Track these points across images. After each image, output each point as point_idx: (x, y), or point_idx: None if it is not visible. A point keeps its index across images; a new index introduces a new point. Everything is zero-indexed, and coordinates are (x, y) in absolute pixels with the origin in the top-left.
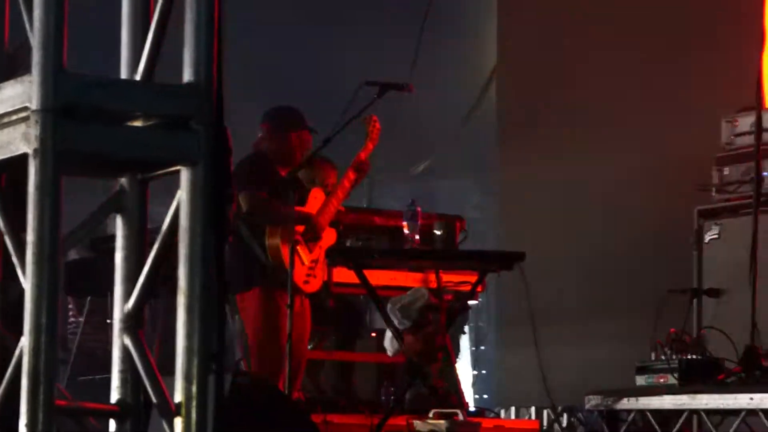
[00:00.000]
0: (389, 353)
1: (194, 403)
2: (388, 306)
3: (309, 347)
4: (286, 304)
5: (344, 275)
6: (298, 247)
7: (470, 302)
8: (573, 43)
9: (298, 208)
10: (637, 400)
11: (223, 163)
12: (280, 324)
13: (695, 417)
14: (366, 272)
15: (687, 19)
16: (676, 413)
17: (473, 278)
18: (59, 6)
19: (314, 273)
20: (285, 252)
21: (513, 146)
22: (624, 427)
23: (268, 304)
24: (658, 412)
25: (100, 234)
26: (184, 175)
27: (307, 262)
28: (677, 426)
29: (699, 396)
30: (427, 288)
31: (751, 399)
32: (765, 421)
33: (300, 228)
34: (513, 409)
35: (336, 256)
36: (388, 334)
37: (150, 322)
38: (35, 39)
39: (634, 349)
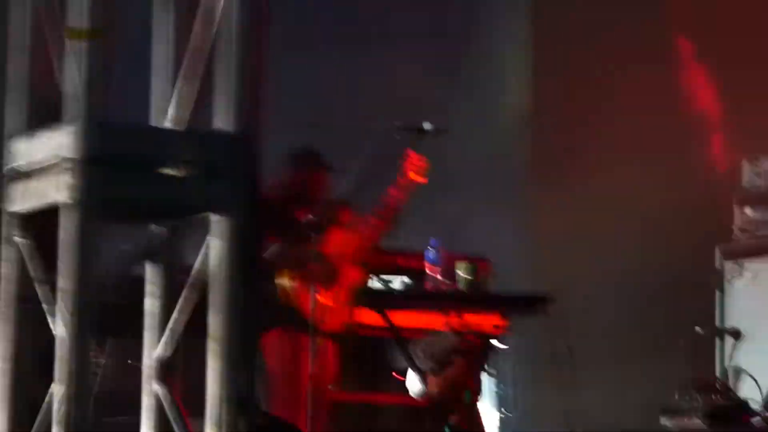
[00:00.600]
0: (413, 394)
1: None
2: (412, 347)
3: (332, 388)
4: (308, 346)
5: (369, 316)
6: (310, 286)
7: (498, 344)
8: (604, 83)
9: (310, 248)
10: None
11: (255, 212)
12: (301, 366)
13: None
14: (389, 313)
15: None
16: None
17: (498, 319)
18: (94, 55)
19: (333, 313)
20: (294, 291)
21: (544, 186)
22: None
23: (287, 346)
24: None
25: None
26: (216, 222)
27: (323, 302)
28: None
29: None
30: (452, 329)
31: None
32: None
33: (315, 268)
34: None
35: (359, 296)
36: (411, 375)
37: None
38: (68, 88)
39: (658, 390)
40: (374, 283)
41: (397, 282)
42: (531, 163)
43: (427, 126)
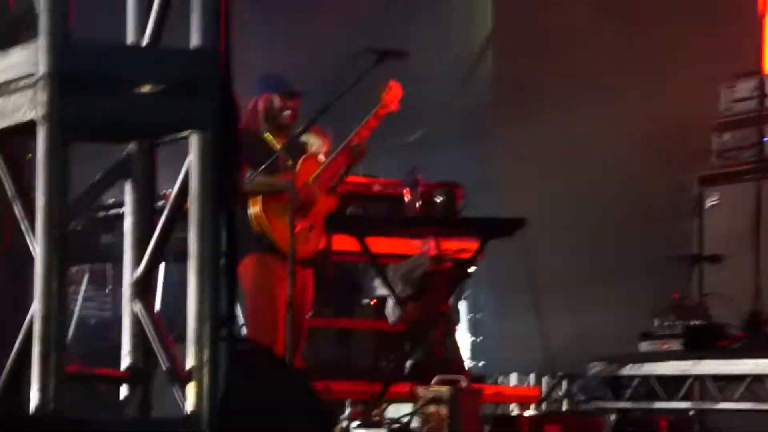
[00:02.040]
0: (390, 321)
1: (206, 369)
2: (389, 273)
3: (309, 315)
4: (285, 271)
5: (343, 243)
6: (283, 214)
7: (472, 270)
8: (570, 6)
9: (281, 177)
10: (641, 366)
11: (231, 129)
12: (275, 292)
13: (699, 383)
14: (367, 239)
15: None
16: (681, 379)
17: (472, 245)
18: None
19: (306, 239)
20: (267, 219)
21: (509, 113)
22: (628, 394)
23: (261, 272)
24: (662, 379)
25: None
26: (194, 140)
27: (295, 229)
28: (682, 392)
29: (703, 362)
30: (428, 255)
31: (756, 364)
32: None
33: (284, 196)
34: (514, 375)
35: (337, 224)
36: (390, 301)
37: None
38: (41, 3)
39: (636, 316)
40: (351, 210)
41: (375, 208)
42: (495, 88)
43: (391, 49)
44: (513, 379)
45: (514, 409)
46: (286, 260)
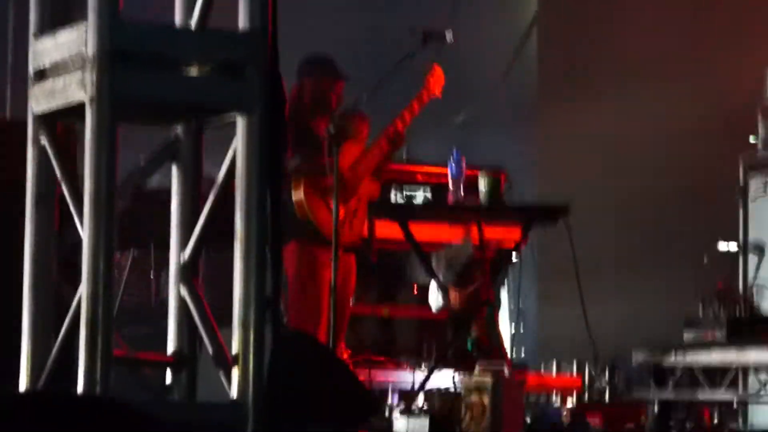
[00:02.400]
0: (433, 308)
1: (251, 352)
2: (433, 260)
3: (352, 302)
4: (328, 258)
5: (386, 229)
6: (326, 199)
7: (515, 258)
8: None
9: (325, 161)
10: (684, 355)
11: (278, 112)
12: (318, 278)
13: (743, 374)
14: (411, 226)
15: None
16: (724, 370)
17: (515, 232)
18: None
19: (350, 225)
20: (310, 205)
21: (554, 97)
22: (671, 383)
23: (303, 258)
24: (705, 369)
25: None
26: (240, 123)
27: (340, 215)
28: (725, 382)
29: (748, 352)
30: (471, 242)
31: None
32: None
33: (328, 181)
34: (554, 364)
35: (381, 210)
36: (433, 288)
37: None
38: None
39: (681, 304)
40: (395, 196)
41: (419, 195)
42: (541, 72)
43: (448, 35)
44: (555, 367)
45: (556, 399)
46: (329, 246)
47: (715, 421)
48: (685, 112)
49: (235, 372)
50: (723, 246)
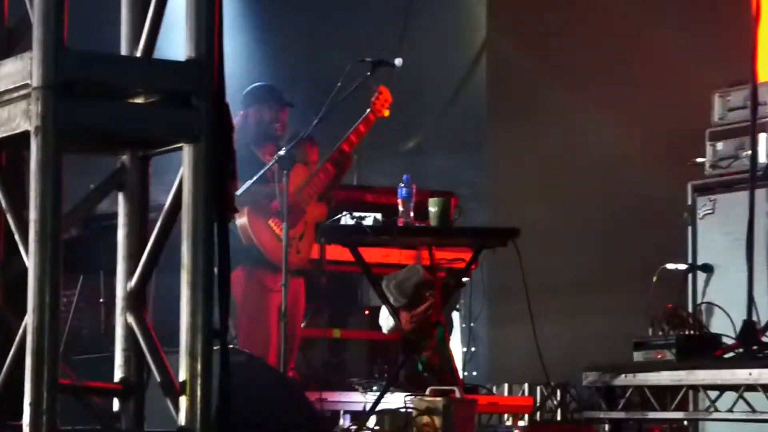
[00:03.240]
0: (384, 330)
1: (199, 381)
2: (383, 283)
3: (302, 325)
4: (277, 283)
5: (337, 252)
6: (271, 223)
7: (465, 280)
8: (565, 13)
9: (270, 186)
10: (634, 376)
11: (224, 140)
12: (265, 302)
13: (693, 392)
14: (360, 249)
15: None
16: (674, 389)
17: (466, 255)
18: None
19: (297, 248)
20: (254, 229)
21: (503, 121)
22: (621, 403)
23: (250, 283)
24: (655, 388)
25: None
26: (186, 151)
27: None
28: (675, 402)
29: (697, 371)
30: (422, 265)
31: (750, 374)
32: (764, 395)
33: (273, 205)
34: (506, 385)
35: (330, 233)
36: (384, 311)
37: None
38: (35, 15)
39: (630, 325)
40: (345, 220)
41: (369, 218)
42: (490, 95)
43: (398, 62)
44: (507, 388)
45: (508, 419)
46: (275, 271)
47: None
48: (634, 134)
49: (183, 400)
50: (671, 266)
